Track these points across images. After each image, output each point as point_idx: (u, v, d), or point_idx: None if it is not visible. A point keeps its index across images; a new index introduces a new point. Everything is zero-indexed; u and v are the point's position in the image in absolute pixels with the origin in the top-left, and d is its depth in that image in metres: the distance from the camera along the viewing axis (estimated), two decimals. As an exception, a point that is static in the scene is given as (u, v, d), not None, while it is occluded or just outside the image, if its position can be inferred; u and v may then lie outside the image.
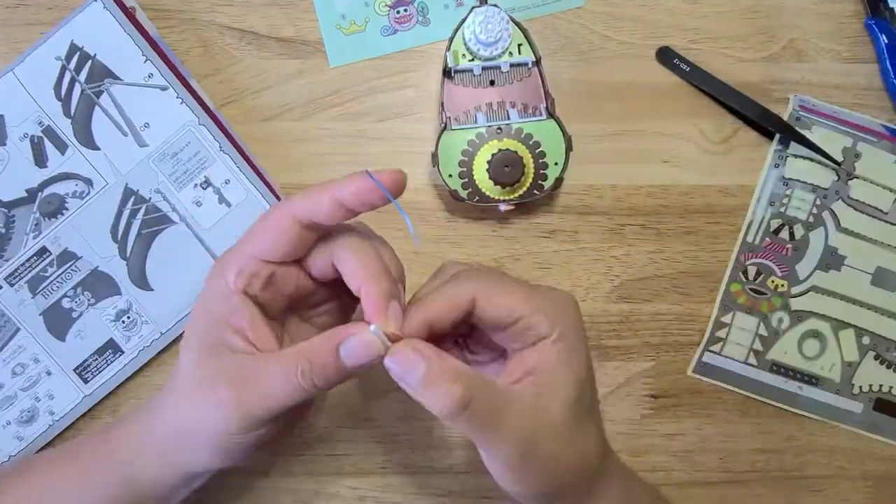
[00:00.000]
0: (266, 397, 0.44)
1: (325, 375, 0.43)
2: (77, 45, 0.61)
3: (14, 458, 0.62)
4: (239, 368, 0.45)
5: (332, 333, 0.44)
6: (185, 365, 0.46)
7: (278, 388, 0.43)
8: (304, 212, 0.45)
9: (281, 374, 0.43)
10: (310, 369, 0.43)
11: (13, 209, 0.62)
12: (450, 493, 0.65)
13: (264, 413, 0.44)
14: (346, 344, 0.43)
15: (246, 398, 0.44)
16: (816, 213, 0.65)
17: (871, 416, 0.65)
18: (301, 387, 0.43)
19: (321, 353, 0.43)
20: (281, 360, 0.44)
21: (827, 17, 0.66)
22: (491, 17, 0.60)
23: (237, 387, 0.44)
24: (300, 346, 0.44)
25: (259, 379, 0.44)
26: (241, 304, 0.46)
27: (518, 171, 0.61)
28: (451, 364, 0.43)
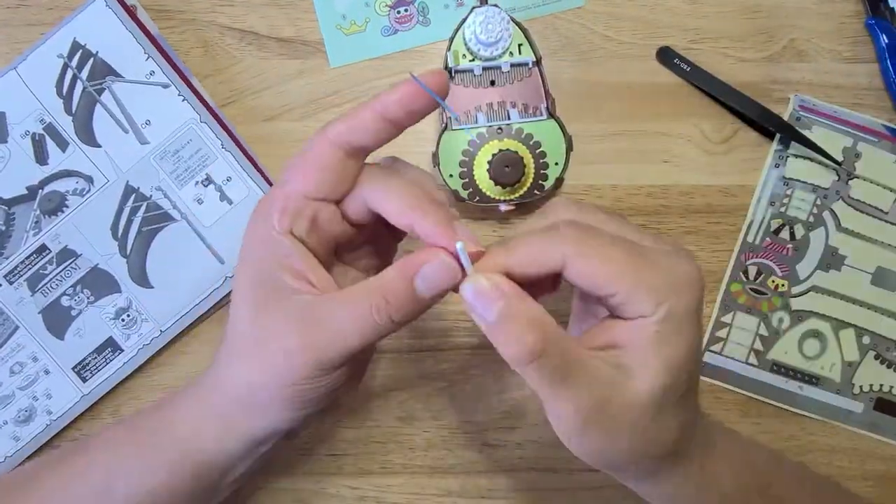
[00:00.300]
0: (341, 338, 0.42)
1: (403, 309, 0.41)
2: (79, 43, 0.61)
3: (10, 458, 0.62)
4: (305, 311, 0.42)
5: (404, 264, 0.41)
6: (242, 321, 0.44)
7: (354, 327, 0.42)
8: (346, 135, 0.42)
9: (355, 312, 0.41)
10: (386, 305, 0.41)
11: (13, 206, 0.61)
12: (450, 493, 0.65)
13: (339, 355, 0.42)
14: (421, 273, 0.41)
15: (318, 341, 0.42)
16: (817, 212, 0.65)
17: (872, 416, 0.65)
18: (378, 324, 0.41)
19: (397, 286, 0.41)
20: (353, 297, 0.42)
21: (827, 17, 0.67)
22: (491, 17, 0.60)
23: (307, 331, 0.42)
24: (370, 282, 0.42)
25: (331, 320, 0.42)
26: (293, 245, 0.43)
27: (518, 171, 0.61)
28: (530, 309, 0.40)
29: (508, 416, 0.65)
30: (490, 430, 0.65)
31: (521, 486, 0.65)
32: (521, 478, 0.65)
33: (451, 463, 0.65)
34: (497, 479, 0.65)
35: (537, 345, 0.38)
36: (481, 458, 0.65)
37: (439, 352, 0.65)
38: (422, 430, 0.65)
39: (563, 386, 0.39)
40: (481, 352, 0.65)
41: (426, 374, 0.65)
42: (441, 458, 0.65)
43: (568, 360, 0.39)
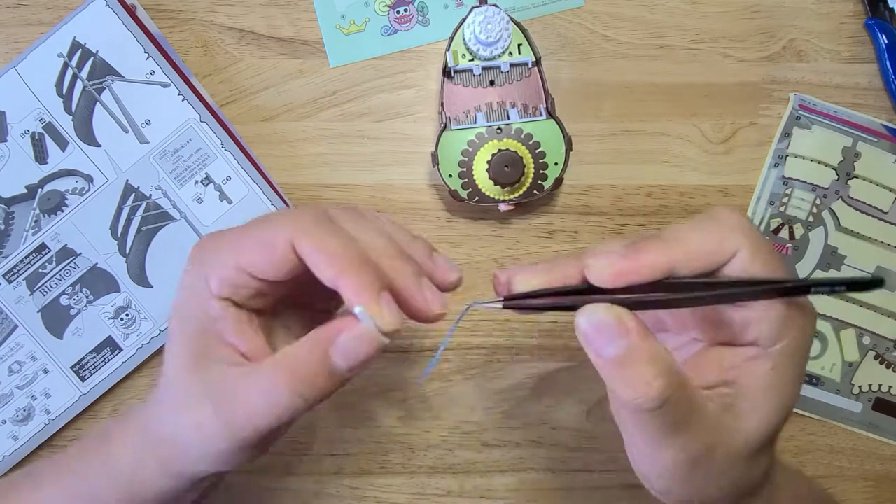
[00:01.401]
0: (252, 418, 0.38)
1: (316, 387, 0.38)
2: (79, 43, 0.61)
3: (8, 457, 0.62)
4: (224, 384, 0.39)
5: (316, 336, 0.38)
6: (170, 374, 0.41)
7: (264, 407, 0.38)
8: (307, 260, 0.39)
9: (265, 391, 0.38)
10: (296, 383, 0.37)
11: (13, 205, 0.61)
12: (450, 493, 0.64)
13: (251, 434, 0.39)
14: (337, 343, 0.37)
15: (231, 419, 0.39)
16: (816, 212, 0.65)
17: (871, 416, 0.65)
18: (290, 404, 0.38)
19: (308, 361, 0.38)
20: (263, 374, 0.38)
21: (827, 17, 0.67)
22: (491, 17, 0.60)
23: (222, 406, 0.39)
24: (282, 355, 0.39)
25: (244, 396, 0.38)
26: (224, 311, 0.40)
27: (518, 171, 0.61)
28: (655, 349, 0.36)
29: (508, 416, 0.65)
30: (490, 430, 0.65)
31: (521, 486, 0.65)
32: (521, 478, 0.65)
33: (451, 463, 0.65)
34: (497, 479, 0.65)
35: (665, 391, 0.35)
36: (481, 458, 0.65)
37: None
38: (422, 430, 0.65)
39: (672, 435, 0.37)
40: (481, 352, 0.65)
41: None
42: (441, 458, 0.65)
43: (686, 407, 0.37)
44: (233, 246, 0.41)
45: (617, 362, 0.36)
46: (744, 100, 0.66)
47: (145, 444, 0.44)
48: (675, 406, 0.36)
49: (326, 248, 0.38)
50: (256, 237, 0.40)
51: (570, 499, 0.65)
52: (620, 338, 0.36)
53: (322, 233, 0.39)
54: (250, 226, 0.41)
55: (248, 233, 0.41)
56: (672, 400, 0.36)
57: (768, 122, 0.66)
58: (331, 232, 0.39)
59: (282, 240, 0.39)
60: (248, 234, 0.41)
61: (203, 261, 0.41)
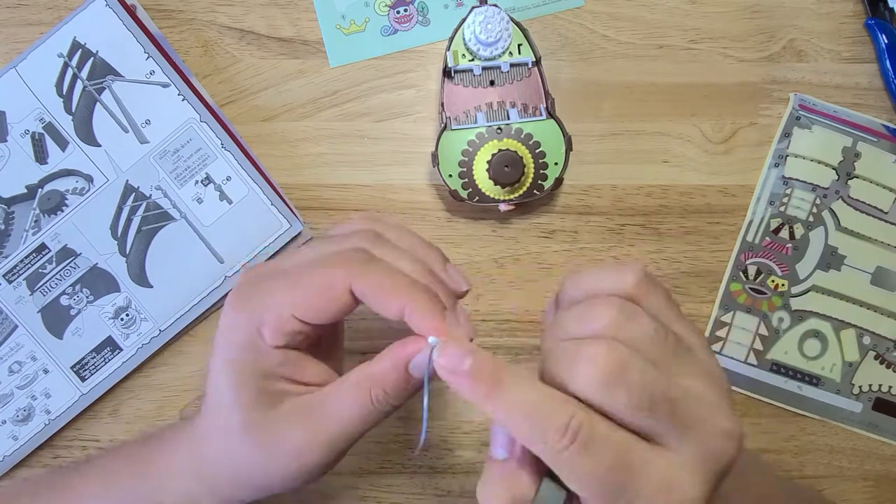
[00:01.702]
0: (344, 431, 0.43)
1: (401, 395, 0.43)
2: (79, 43, 0.61)
3: (8, 457, 0.62)
4: (308, 410, 0.44)
5: (395, 353, 0.43)
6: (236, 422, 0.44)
7: (355, 418, 0.43)
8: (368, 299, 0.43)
9: (355, 405, 0.43)
10: (385, 395, 0.43)
11: (13, 205, 0.61)
12: (450, 493, 0.64)
13: (346, 445, 0.44)
14: (414, 362, 0.42)
15: (326, 437, 0.43)
16: (816, 212, 0.65)
17: (871, 416, 0.65)
18: (379, 411, 0.43)
19: (393, 377, 0.42)
20: (350, 391, 0.43)
21: (827, 17, 0.67)
22: (491, 17, 0.60)
23: (313, 431, 0.43)
24: (364, 371, 0.43)
25: (334, 416, 0.43)
26: (286, 356, 0.44)
27: (518, 171, 0.61)
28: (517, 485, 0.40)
29: (508, 415, 0.65)
30: (490, 430, 0.65)
31: (521, 486, 0.65)
32: (520, 478, 0.65)
33: (451, 463, 0.65)
34: (497, 479, 0.64)
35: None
36: (481, 458, 0.64)
37: (439, 351, 0.65)
38: (422, 430, 0.65)
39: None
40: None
41: (426, 374, 0.65)
42: (441, 458, 0.65)
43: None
44: (285, 293, 0.44)
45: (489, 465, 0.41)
46: (744, 100, 0.66)
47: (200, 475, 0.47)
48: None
49: (385, 287, 0.42)
50: (312, 283, 0.43)
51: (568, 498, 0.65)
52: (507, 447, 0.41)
53: (375, 272, 0.43)
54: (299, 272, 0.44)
55: (300, 279, 0.44)
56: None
57: (768, 122, 0.66)
58: (383, 270, 0.43)
59: (339, 284, 0.42)
60: (299, 280, 0.44)
61: (250, 311, 0.44)
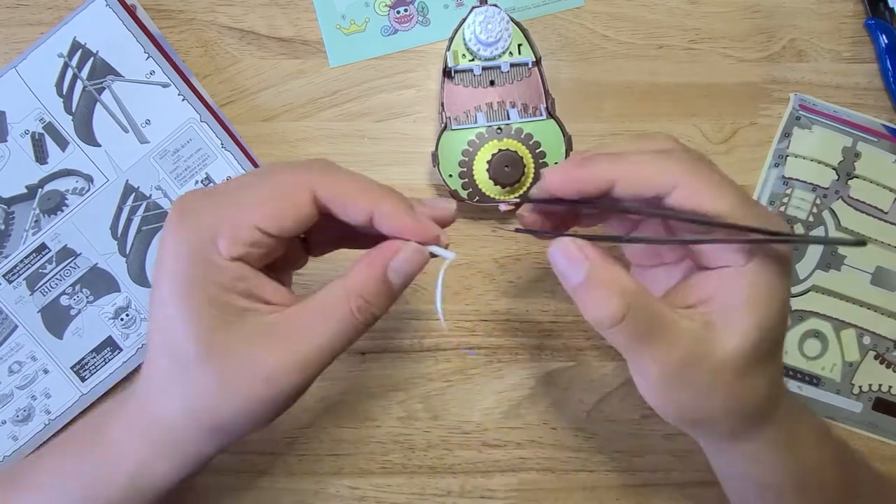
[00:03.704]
0: (322, 348, 0.40)
1: (383, 303, 0.41)
2: (79, 43, 0.61)
3: (8, 457, 0.62)
4: (277, 330, 0.40)
5: (372, 261, 0.41)
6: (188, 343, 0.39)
7: (337, 332, 0.40)
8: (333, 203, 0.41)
9: (335, 317, 0.40)
10: (367, 304, 0.40)
11: (13, 205, 0.61)
12: (450, 493, 0.64)
13: (320, 367, 0.41)
14: (392, 266, 0.41)
15: (301, 358, 0.40)
16: (816, 212, 0.65)
17: (871, 416, 0.65)
18: (361, 323, 0.41)
19: (374, 284, 0.41)
20: (330, 303, 0.40)
21: (827, 17, 0.67)
22: (491, 17, 0.60)
23: (288, 350, 0.40)
24: (339, 284, 0.41)
25: (311, 333, 0.40)
26: (243, 270, 0.40)
27: (518, 171, 0.61)
28: (614, 274, 0.40)
29: (508, 416, 0.65)
30: (490, 430, 0.65)
31: (521, 486, 0.65)
32: (521, 478, 0.65)
33: (451, 463, 0.65)
34: (497, 479, 0.65)
35: (619, 310, 0.39)
36: (481, 458, 0.64)
37: (439, 352, 0.65)
38: (422, 430, 0.65)
39: (647, 345, 0.40)
40: (481, 352, 0.65)
41: (426, 374, 0.65)
42: (441, 458, 0.65)
43: (652, 321, 0.40)
44: (243, 202, 0.40)
45: (581, 287, 0.40)
46: (744, 100, 0.66)
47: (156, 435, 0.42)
48: (636, 320, 0.39)
49: (351, 190, 0.41)
50: (272, 191, 0.40)
51: (570, 499, 0.65)
52: (582, 266, 0.40)
53: (340, 175, 0.42)
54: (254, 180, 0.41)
55: (259, 186, 0.41)
56: (631, 315, 0.39)
57: (768, 122, 0.66)
58: (348, 173, 0.42)
59: (302, 188, 0.40)
60: (258, 187, 0.41)
61: (200, 222, 0.40)
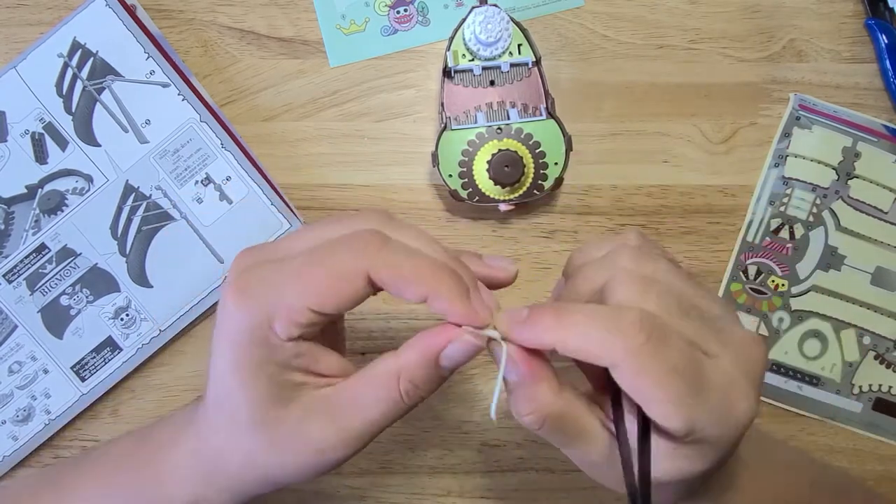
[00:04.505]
0: (371, 423, 0.41)
1: (430, 388, 0.42)
2: (79, 43, 0.61)
3: (8, 457, 0.62)
4: (329, 406, 0.41)
5: (426, 347, 0.40)
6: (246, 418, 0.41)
7: (382, 411, 0.41)
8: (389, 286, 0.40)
9: (382, 398, 0.41)
10: (415, 388, 0.41)
11: (13, 205, 0.61)
12: (450, 493, 0.64)
13: (369, 438, 0.42)
14: (446, 353, 0.40)
15: (346, 432, 0.41)
16: (816, 212, 0.65)
17: (871, 416, 0.65)
18: (407, 405, 0.41)
19: (423, 370, 0.41)
20: (377, 383, 0.41)
21: (827, 17, 0.67)
22: (491, 17, 0.60)
23: (338, 426, 0.41)
24: (391, 363, 0.41)
25: (361, 410, 0.41)
26: (300, 348, 0.41)
27: (518, 171, 0.61)
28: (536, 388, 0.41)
29: (508, 416, 0.64)
30: (490, 430, 0.65)
31: (521, 486, 0.65)
32: (520, 478, 0.65)
33: (451, 463, 0.65)
34: (497, 479, 0.65)
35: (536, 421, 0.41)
36: (481, 458, 0.65)
37: (439, 351, 0.65)
38: (422, 430, 0.65)
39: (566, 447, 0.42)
40: (481, 352, 0.65)
41: (426, 374, 0.65)
42: (441, 458, 0.65)
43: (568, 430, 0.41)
44: (297, 283, 0.40)
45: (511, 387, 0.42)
46: (744, 100, 0.66)
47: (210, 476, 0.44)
48: (552, 429, 0.41)
49: (406, 272, 0.39)
50: (326, 272, 0.39)
51: (570, 499, 0.65)
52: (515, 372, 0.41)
53: (395, 256, 0.40)
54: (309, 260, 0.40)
55: (313, 268, 0.40)
56: (547, 424, 0.41)
57: (768, 122, 0.66)
58: (401, 252, 0.40)
59: (356, 271, 0.39)
60: (311, 269, 0.40)
61: (257, 305, 0.40)
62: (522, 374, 0.40)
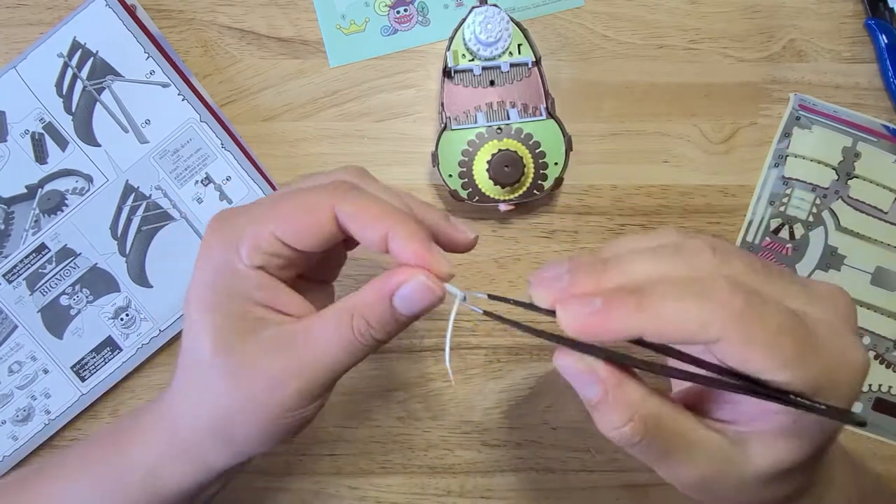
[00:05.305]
0: (327, 362, 0.41)
1: (384, 329, 0.41)
2: (79, 43, 0.61)
3: (8, 457, 0.62)
4: (284, 339, 0.41)
5: (381, 286, 0.40)
6: (204, 350, 0.41)
7: (338, 349, 0.40)
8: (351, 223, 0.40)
9: (338, 334, 0.40)
10: (367, 326, 0.40)
11: (13, 205, 0.61)
12: (450, 492, 0.64)
13: (325, 380, 0.41)
14: (399, 293, 0.40)
15: (303, 368, 0.40)
16: (816, 212, 0.65)
17: (871, 416, 0.65)
18: (362, 344, 0.41)
19: (376, 308, 0.40)
20: (334, 320, 0.41)
21: (827, 17, 0.67)
22: (491, 17, 0.60)
23: (290, 358, 0.41)
24: (347, 301, 0.41)
25: (314, 345, 0.41)
26: (261, 278, 0.41)
27: (518, 171, 0.61)
28: (627, 397, 0.37)
29: (508, 416, 0.65)
30: (490, 430, 0.65)
31: (521, 486, 0.65)
32: (520, 478, 0.65)
33: (451, 463, 0.65)
34: (497, 479, 0.65)
35: (635, 434, 0.37)
36: (481, 458, 0.65)
37: (439, 352, 0.65)
38: (422, 430, 0.65)
39: (667, 464, 0.38)
40: (481, 352, 0.65)
41: (426, 374, 0.65)
42: (441, 458, 0.65)
43: (671, 441, 0.37)
44: (267, 214, 0.41)
45: (593, 405, 0.37)
46: (744, 100, 0.66)
47: (170, 443, 0.44)
48: (653, 442, 0.37)
49: (370, 212, 0.40)
50: (295, 204, 0.41)
51: (570, 499, 0.65)
52: (594, 385, 0.37)
53: (361, 196, 0.41)
54: (281, 195, 0.42)
55: (283, 201, 0.41)
56: (648, 437, 0.37)
57: (768, 122, 0.66)
58: (369, 196, 0.41)
59: (324, 206, 0.40)
60: (283, 202, 0.41)
61: (229, 231, 0.42)
62: (605, 378, 0.37)
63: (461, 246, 0.46)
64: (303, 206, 0.41)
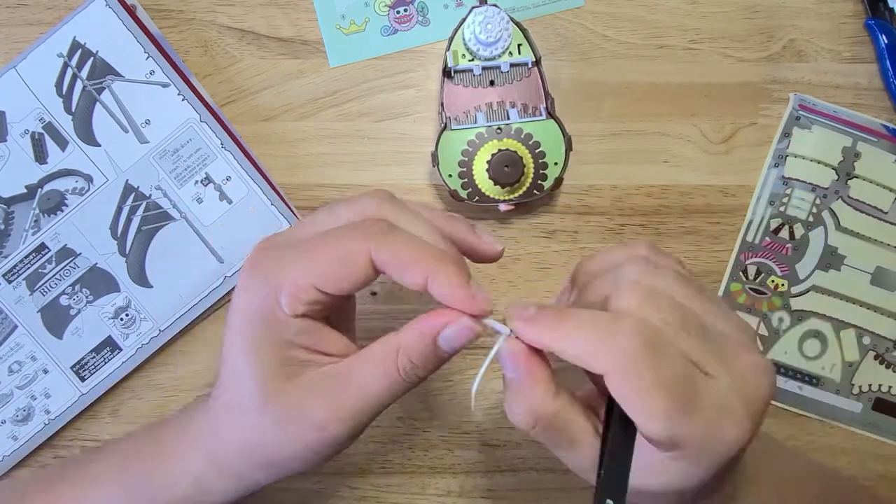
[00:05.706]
0: (369, 402, 0.43)
1: (426, 367, 0.43)
2: (79, 42, 0.61)
3: (8, 457, 0.62)
4: (328, 383, 0.43)
5: (425, 326, 0.42)
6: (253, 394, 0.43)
7: (381, 388, 0.42)
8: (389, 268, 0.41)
9: (380, 374, 0.42)
10: (411, 366, 0.42)
11: (12, 205, 0.61)
12: (450, 492, 0.64)
13: (369, 418, 0.43)
14: (444, 334, 0.41)
15: (349, 409, 0.42)
16: (816, 212, 0.65)
17: (871, 416, 0.65)
18: (405, 382, 0.43)
19: (420, 348, 0.42)
20: (376, 360, 0.43)
21: (827, 17, 0.67)
22: (491, 17, 0.60)
23: (336, 401, 0.42)
24: (391, 341, 0.42)
25: (357, 386, 0.42)
26: (303, 325, 0.43)
27: (518, 171, 0.61)
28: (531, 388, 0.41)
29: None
30: (490, 430, 0.65)
31: (521, 486, 0.65)
32: (520, 478, 0.65)
33: (451, 463, 0.65)
34: (497, 479, 0.65)
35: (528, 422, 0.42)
36: (481, 458, 0.65)
37: (439, 352, 0.65)
38: (422, 430, 0.65)
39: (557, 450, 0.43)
40: (481, 352, 0.65)
41: (426, 374, 0.65)
42: (441, 458, 0.65)
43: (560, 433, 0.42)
44: (304, 262, 0.42)
45: (507, 385, 0.42)
46: (744, 100, 0.66)
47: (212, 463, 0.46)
48: (544, 432, 0.42)
49: (405, 257, 0.41)
50: (331, 254, 0.42)
51: (570, 499, 0.65)
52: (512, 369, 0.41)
53: (396, 241, 0.41)
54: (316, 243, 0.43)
55: (319, 248, 0.42)
56: (539, 427, 0.42)
57: (768, 122, 0.66)
58: (404, 238, 0.42)
59: (360, 254, 0.41)
60: (319, 251, 0.42)
61: (267, 277, 0.43)
62: (521, 372, 0.41)
63: (487, 257, 0.48)
64: (340, 256, 0.42)
